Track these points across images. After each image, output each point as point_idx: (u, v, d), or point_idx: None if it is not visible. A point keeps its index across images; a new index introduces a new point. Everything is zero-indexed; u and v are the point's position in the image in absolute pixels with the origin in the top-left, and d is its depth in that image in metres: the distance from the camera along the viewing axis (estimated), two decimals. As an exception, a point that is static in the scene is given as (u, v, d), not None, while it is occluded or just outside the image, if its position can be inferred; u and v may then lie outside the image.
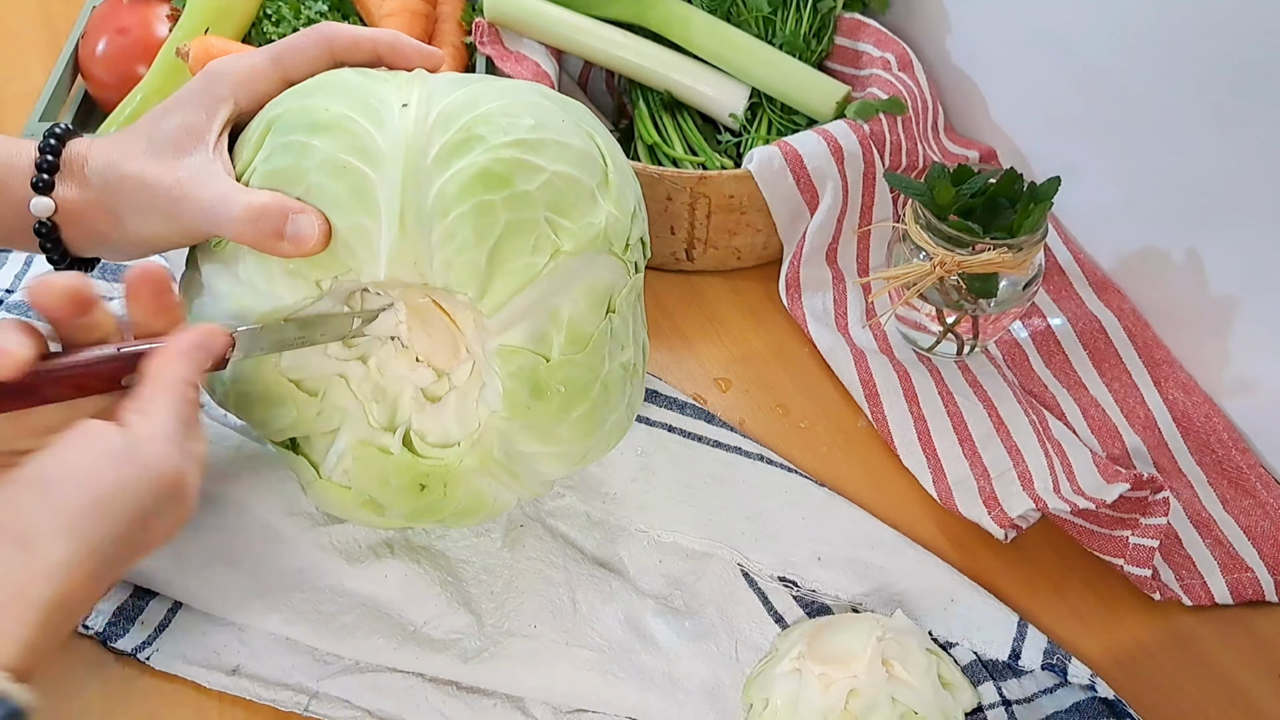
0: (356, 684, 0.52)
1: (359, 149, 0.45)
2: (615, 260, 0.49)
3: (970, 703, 0.53)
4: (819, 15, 0.81)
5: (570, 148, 0.48)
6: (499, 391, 0.48)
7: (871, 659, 0.50)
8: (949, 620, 0.56)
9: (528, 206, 0.46)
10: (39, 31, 0.96)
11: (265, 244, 0.44)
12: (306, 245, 0.44)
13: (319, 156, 0.45)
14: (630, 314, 0.52)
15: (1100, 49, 0.69)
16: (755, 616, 0.57)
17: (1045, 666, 0.54)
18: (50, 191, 0.47)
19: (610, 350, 0.50)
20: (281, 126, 0.46)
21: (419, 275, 0.45)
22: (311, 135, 0.45)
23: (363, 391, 0.50)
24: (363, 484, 0.50)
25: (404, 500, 0.50)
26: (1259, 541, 0.61)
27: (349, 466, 0.50)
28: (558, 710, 0.53)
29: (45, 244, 0.48)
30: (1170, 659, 0.56)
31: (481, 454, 0.50)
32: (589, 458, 0.53)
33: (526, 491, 0.53)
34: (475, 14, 0.83)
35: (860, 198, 0.74)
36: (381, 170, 0.45)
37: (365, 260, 0.45)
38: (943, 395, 0.67)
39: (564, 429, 0.49)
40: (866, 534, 0.60)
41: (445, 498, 0.50)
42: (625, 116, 0.86)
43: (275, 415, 0.49)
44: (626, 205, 0.50)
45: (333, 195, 0.44)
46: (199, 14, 0.78)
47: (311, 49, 0.50)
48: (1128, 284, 0.73)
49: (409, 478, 0.49)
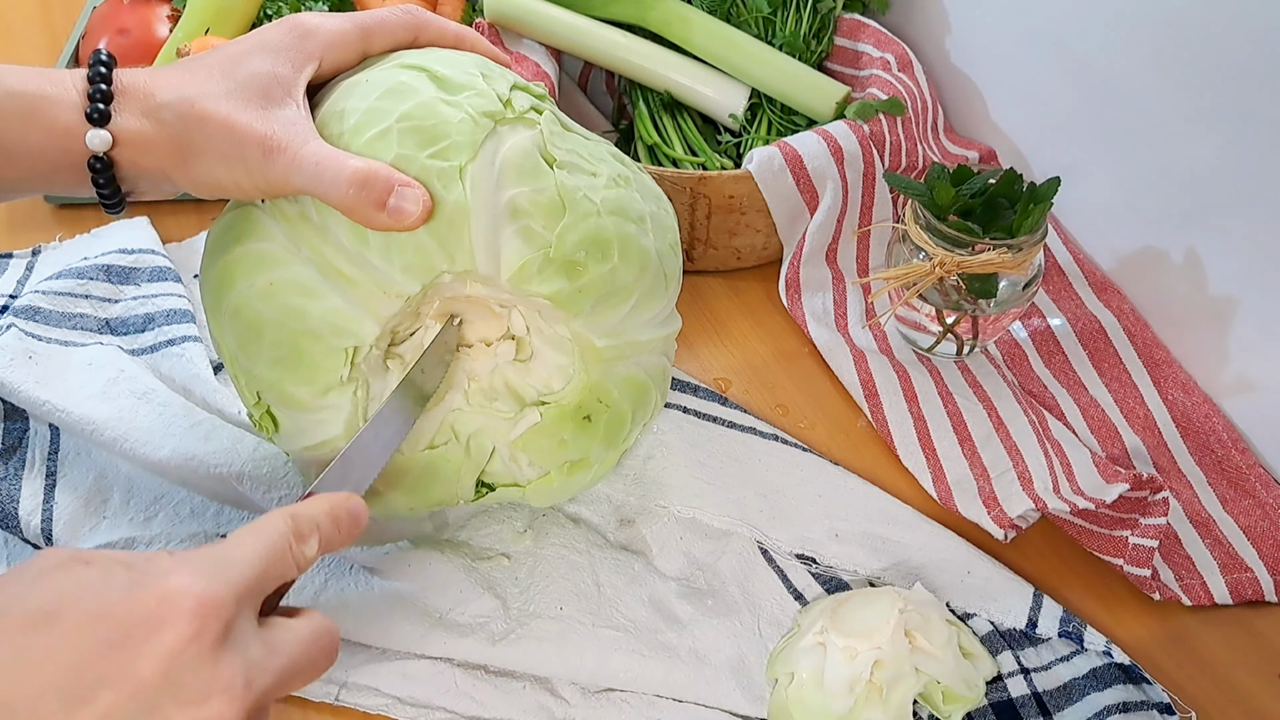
0: (385, 671, 0.52)
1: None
2: (525, 126, 0.48)
3: (990, 671, 0.54)
4: (819, 16, 0.81)
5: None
6: (549, 306, 0.48)
7: (894, 631, 0.51)
8: (966, 592, 0.57)
9: None
10: (39, 32, 0.96)
11: (362, 211, 0.43)
12: (406, 220, 0.43)
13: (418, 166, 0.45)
14: (581, 154, 0.50)
15: (1100, 49, 0.69)
16: (775, 594, 0.58)
17: (1062, 634, 0.55)
18: (107, 123, 0.44)
19: (587, 194, 0.48)
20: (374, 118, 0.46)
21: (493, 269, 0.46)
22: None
23: (479, 403, 0.51)
24: (549, 459, 0.52)
25: (586, 440, 0.51)
26: (1259, 541, 0.61)
27: (529, 460, 0.51)
28: (586, 690, 0.53)
29: (98, 180, 0.44)
30: (1170, 659, 0.56)
31: (592, 352, 0.50)
32: (667, 269, 0.52)
33: (655, 340, 0.53)
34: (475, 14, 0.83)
35: (860, 198, 0.74)
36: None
37: (457, 248, 0.45)
38: (942, 395, 0.67)
39: (617, 274, 0.48)
40: (881, 509, 0.61)
41: (610, 406, 0.51)
42: (625, 117, 0.86)
43: (441, 486, 0.51)
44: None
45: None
46: (199, 14, 0.78)
47: (400, 30, 0.50)
48: (1127, 284, 0.73)
49: (573, 422, 0.51)
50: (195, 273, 0.71)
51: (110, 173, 0.44)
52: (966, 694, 0.52)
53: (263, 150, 0.43)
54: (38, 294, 0.65)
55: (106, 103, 0.43)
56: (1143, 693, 0.53)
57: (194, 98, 0.44)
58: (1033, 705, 0.53)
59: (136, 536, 0.56)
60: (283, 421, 0.49)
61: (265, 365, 0.47)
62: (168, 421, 0.59)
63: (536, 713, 0.52)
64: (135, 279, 0.68)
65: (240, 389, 0.50)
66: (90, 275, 0.67)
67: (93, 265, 0.68)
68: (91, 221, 0.74)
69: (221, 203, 0.50)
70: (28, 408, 0.59)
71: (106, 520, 0.57)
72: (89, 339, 0.64)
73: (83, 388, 0.60)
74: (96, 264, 0.68)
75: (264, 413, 0.49)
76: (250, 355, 0.47)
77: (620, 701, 0.53)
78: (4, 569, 0.55)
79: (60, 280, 0.66)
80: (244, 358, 0.48)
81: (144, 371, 0.62)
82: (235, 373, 0.50)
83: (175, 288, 0.67)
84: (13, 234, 0.74)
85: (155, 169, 0.45)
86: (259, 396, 0.49)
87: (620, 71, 0.80)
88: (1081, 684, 0.54)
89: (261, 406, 0.49)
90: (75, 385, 0.60)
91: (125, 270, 0.68)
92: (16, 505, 0.56)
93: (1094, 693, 0.53)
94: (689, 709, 0.53)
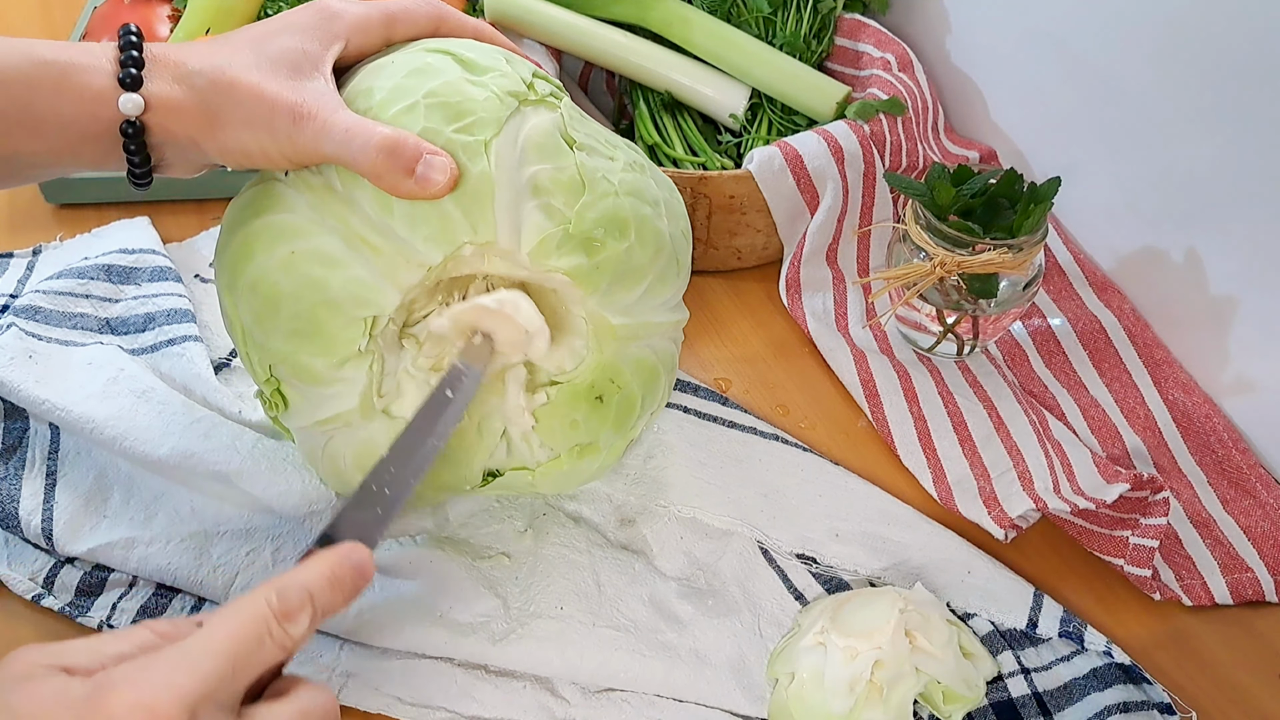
0: (386, 670, 0.53)
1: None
2: (547, 109, 0.49)
3: (991, 672, 0.54)
4: (819, 16, 0.81)
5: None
6: (566, 283, 0.48)
7: (895, 631, 0.51)
8: (966, 592, 0.57)
9: None
10: (40, 32, 0.96)
11: (390, 178, 0.44)
12: (432, 188, 0.44)
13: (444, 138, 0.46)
14: (599, 139, 0.51)
15: (1100, 49, 0.70)
16: (775, 594, 0.58)
17: (1062, 635, 0.55)
18: (139, 88, 0.44)
19: (605, 175, 0.49)
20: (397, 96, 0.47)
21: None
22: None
23: (491, 385, 0.51)
24: (560, 440, 0.52)
25: (598, 421, 0.51)
26: (1259, 542, 0.61)
27: (540, 440, 0.52)
28: (586, 690, 0.53)
29: (130, 146, 0.45)
30: (1170, 659, 0.56)
31: (606, 330, 0.50)
32: (680, 255, 0.54)
33: (667, 324, 0.54)
34: (476, 14, 0.83)
35: (860, 198, 0.74)
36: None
37: (480, 220, 0.46)
38: (943, 395, 0.67)
39: (633, 254, 0.49)
40: (882, 509, 0.61)
41: (622, 388, 0.51)
42: (625, 117, 0.86)
43: (449, 469, 0.51)
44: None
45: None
46: (200, 14, 0.78)
47: (423, 20, 0.51)
48: (1127, 284, 0.73)
49: (586, 402, 0.51)
50: (196, 273, 0.71)
51: (142, 139, 0.45)
52: (967, 694, 0.52)
53: (292, 117, 0.44)
54: (38, 293, 0.65)
55: (139, 68, 0.44)
56: (1143, 693, 0.53)
57: (224, 65, 0.45)
58: (1033, 705, 0.53)
59: (136, 536, 0.56)
60: (293, 399, 0.49)
61: (281, 337, 0.47)
62: (167, 420, 0.59)
63: (537, 712, 0.52)
64: (136, 279, 0.68)
65: (251, 366, 0.50)
66: (91, 275, 0.67)
67: (93, 265, 0.68)
68: (92, 221, 0.74)
69: (224, 203, 0.50)
70: (28, 407, 0.59)
71: (107, 519, 0.57)
72: (89, 338, 0.64)
73: (83, 387, 0.60)
74: (97, 264, 0.68)
75: (274, 390, 0.49)
76: (266, 328, 0.47)
77: (620, 701, 0.53)
78: (4, 568, 0.55)
79: (61, 280, 0.66)
80: (259, 331, 0.48)
81: (144, 370, 0.62)
82: (248, 349, 0.50)
83: (176, 287, 0.67)
84: (13, 234, 0.74)
85: (184, 135, 0.45)
86: (270, 372, 0.48)
87: (621, 71, 0.80)
88: (1082, 684, 0.54)
89: (273, 383, 0.49)
90: (75, 384, 0.60)
91: (126, 270, 0.68)
92: (17, 505, 0.56)
93: (1094, 693, 0.53)
94: (689, 709, 0.53)
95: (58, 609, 0.54)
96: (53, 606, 0.54)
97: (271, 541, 0.57)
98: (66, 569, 0.56)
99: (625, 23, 0.80)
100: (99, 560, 0.56)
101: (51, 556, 0.56)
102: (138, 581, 0.56)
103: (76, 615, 0.54)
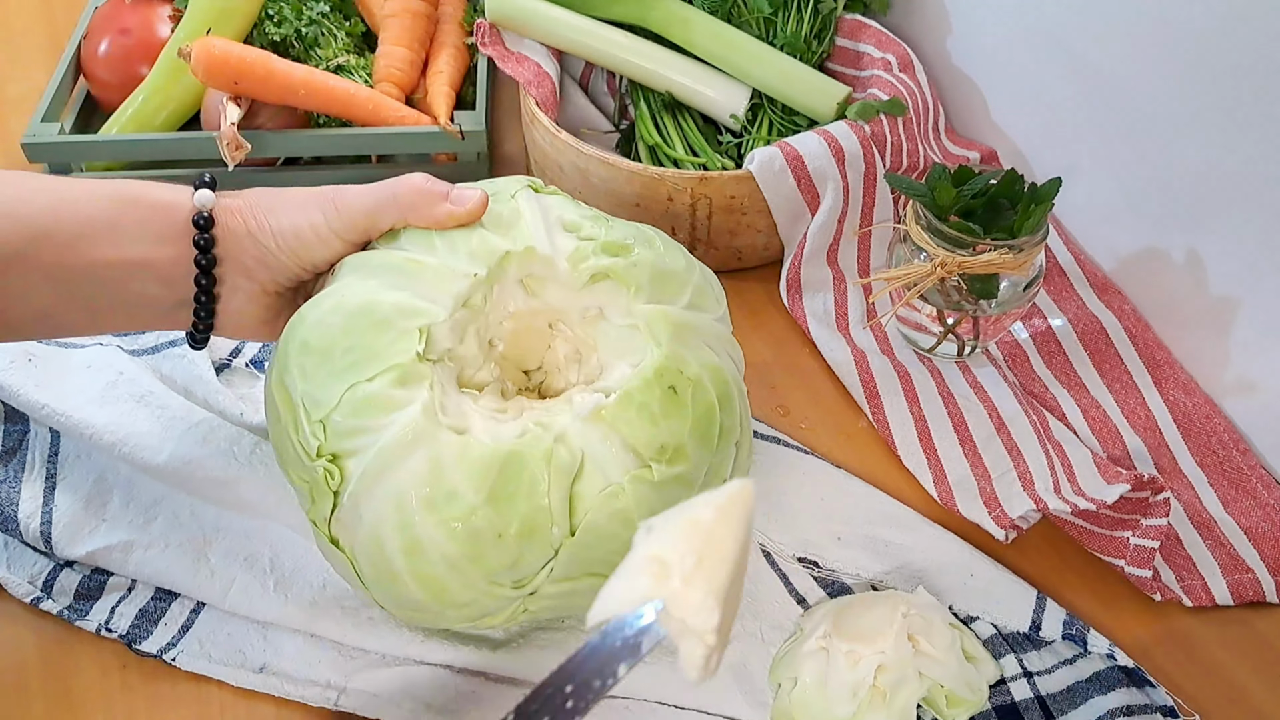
0: (385, 677, 0.52)
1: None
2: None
3: (993, 675, 0.54)
4: (820, 16, 0.81)
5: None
6: (610, 288, 0.51)
7: (897, 635, 0.51)
8: (969, 595, 0.57)
9: None
10: (41, 32, 0.96)
11: (427, 205, 0.50)
12: (467, 203, 0.50)
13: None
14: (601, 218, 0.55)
15: (1100, 49, 0.69)
16: (777, 597, 0.58)
17: (1065, 637, 0.55)
18: (214, 188, 0.50)
19: (620, 223, 0.54)
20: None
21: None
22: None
23: (560, 407, 0.49)
24: (641, 435, 0.47)
25: (677, 416, 0.47)
26: (1259, 542, 0.61)
27: (621, 440, 0.47)
28: None
29: (199, 240, 0.49)
30: (1170, 659, 0.56)
31: (661, 318, 0.50)
32: (716, 291, 0.55)
33: (723, 331, 0.55)
34: (477, 15, 0.83)
35: (861, 199, 0.74)
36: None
37: (517, 233, 0.51)
38: (943, 396, 0.67)
39: (665, 258, 0.52)
40: (884, 512, 0.61)
41: (692, 380, 0.48)
42: (626, 117, 0.86)
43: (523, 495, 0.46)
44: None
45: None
46: (201, 15, 0.78)
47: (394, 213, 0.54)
48: (1128, 284, 0.73)
49: (659, 389, 0.47)
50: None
51: (210, 231, 0.49)
52: (970, 697, 0.52)
53: (330, 195, 0.51)
54: (38, 295, 0.65)
55: (213, 186, 0.51)
56: (1146, 696, 0.53)
57: (266, 192, 0.52)
58: (1036, 709, 0.53)
59: (135, 539, 0.56)
60: (348, 465, 0.46)
61: (337, 378, 0.46)
62: (166, 424, 0.59)
63: None
64: (135, 280, 0.68)
65: (297, 450, 0.47)
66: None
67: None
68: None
69: None
70: (27, 411, 0.59)
71: (106, 523, 0.57)
72: (88, 340, 0.64)
73: (82, 391, 0.60)
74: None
75: (329, 459, 0.46)
76: (321, 379, 0.46)
77: (622, 709, 0.53)
78: (3, 571, 0.55)
79: (60, 281, 0.66)
80: (313, 387, 0.46)
81: (144, 373, 0.62)
82: (298, 421, 0.46)
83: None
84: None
85: (242, 229, 0.50)
86: (325, 433, 0.46)
87: (621, 72, 0.80)
88: (1085, 687, 0.54)
89: (326, 449, 0.46)
90: (74, 388, 0.60)
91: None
92: (16, 508, 0.56)
93: (1097, 696, 0.53)
94: (691, 715, 0.53)
95: (56, 612, 0.54)
96: (51, 610, 0.55)
97: (270, 546, 0.57)
98: (65, 572, 0.56)
99: (626, 23, 0.80)
100: (98, 563, 0.56)
101: (51, 560, 0.56)
102: (137, 585, 0.56)
103: (75, 618, 0.54)
